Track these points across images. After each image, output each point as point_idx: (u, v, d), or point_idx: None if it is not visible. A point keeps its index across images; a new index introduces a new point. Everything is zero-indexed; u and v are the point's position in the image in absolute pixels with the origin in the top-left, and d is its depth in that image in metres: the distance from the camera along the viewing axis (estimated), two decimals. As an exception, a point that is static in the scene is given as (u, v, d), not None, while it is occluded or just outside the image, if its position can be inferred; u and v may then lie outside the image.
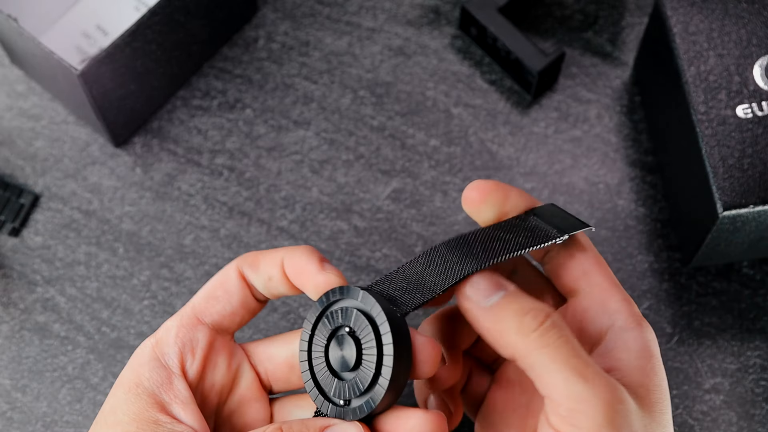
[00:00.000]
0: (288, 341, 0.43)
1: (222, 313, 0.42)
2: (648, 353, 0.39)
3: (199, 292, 0.43)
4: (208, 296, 0.42)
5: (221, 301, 0.42)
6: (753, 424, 0.52)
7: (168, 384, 0.40)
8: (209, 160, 0.59)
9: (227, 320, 0.42)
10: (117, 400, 0.40)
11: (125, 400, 0.40)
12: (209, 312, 0.42)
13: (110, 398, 0.40)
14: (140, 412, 0.39)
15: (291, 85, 0.61)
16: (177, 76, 0.60)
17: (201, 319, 0.42)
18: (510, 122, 0.59)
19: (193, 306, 0.42)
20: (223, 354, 0.42)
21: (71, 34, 0.61)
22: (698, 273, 0.56)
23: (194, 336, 0.41)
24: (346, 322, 0.38)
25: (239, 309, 0.42)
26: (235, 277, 0.42)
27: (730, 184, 0.49)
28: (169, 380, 0.40)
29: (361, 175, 0.58)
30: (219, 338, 0.42)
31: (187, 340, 0.41)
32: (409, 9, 0.63)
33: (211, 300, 0.42)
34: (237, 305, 0.42)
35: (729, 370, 0.53)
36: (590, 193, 0.58)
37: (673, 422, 0.52)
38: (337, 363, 0.38)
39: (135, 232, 0.57)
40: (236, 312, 0.42)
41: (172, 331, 0.42)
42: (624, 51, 0.61)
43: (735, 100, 0.51)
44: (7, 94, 0.61)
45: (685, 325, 0.54)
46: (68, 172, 0.59)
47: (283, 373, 0.43)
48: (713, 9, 0.53)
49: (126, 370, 0.41)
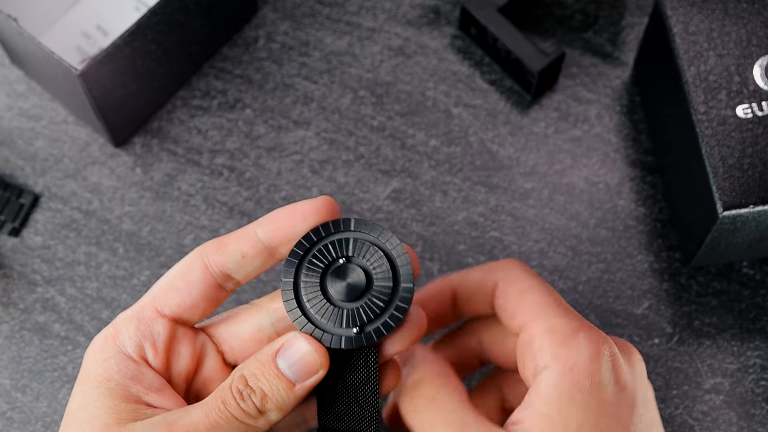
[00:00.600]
0: (250, 316, 0.42)
1: (182, 305, 0.40)
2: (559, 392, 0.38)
3: (158, 282, 0.41)
4: (169, 287, 0.41)
5: (182, 293, 0.40)
6: (753, 424, 0.52)
7: (139, 376, 0.39)
8: (209, 160, 0.59)
9: (188, 312, 0.41)
10: (87, 397, 0.39)
11: (96, 396, 0.38)
12: (169, 304, 0.40)
13: (77, 395, 0.39)
14: (115, 405, 0.38)
15: (291, 85, 0.61)
16: (177, 76, 0.60)
17: (161, 311, 0.40)
18: (510, 122, 0.59)
19: (153, 297, 0.41)
20: (185, 342, 0.41)
21: (71, 34, 0.60)
22: (698, 273, 0.56)
23: (154, 329, 0.40)
24: (342, 254, 0.38)
25: (200, 301, 0.41)
26: (198, 268, 0.40)
27: (730, 184, 0.49)
28: (139, 372, 0.39)
29: (361, 175, 0.58)
30: (180, 328, 0.41)
31: (148, 334, 0.40)
32: (409, 9, 0.63)
33: (171, 291, 0.40)
34: (198, 297, 0.40)
35: (729, 370, 0.53)
36: (590, 193, 0.57)
37: (673, 422, 0.52)
38: (342, 294, 0.38)
39: (135, 232, 0.57)
40: (197, 304, 0.41)
41: (132, 324, 0.40)
42: (624, 51, 0.61)
43: (735, 100, 0.51)
44: (7, 94, 0.61)
45: (685, 325, 0.54)
46: (68, 172, 0.59)
47: (250, 349, 0.42)
48: (713, 9, 0.53)
49: (89, 365, 0.40)
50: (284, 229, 0.40)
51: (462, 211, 0.57)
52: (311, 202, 0.40)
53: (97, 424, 0.38)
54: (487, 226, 0.57)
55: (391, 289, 0.38)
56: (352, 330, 0.38)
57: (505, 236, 0.56)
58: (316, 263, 0.39)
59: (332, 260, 0.39)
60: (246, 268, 0.40)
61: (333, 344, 0.38)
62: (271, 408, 0.38)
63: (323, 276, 0.39)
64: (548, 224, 0.57)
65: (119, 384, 0.39)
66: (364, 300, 0.38)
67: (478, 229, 0.57)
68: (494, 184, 0.58)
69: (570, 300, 0.55)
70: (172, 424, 0.37)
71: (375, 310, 0.38)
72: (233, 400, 0.38)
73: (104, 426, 0.38)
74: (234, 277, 0.41)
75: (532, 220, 0.57)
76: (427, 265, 0.56)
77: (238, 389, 0.38)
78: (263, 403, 0.38)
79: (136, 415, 0.38)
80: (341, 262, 0.39)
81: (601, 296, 0.55)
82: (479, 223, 0.57)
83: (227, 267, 0.40)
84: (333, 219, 0.40)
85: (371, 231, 0.39)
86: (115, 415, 0.38)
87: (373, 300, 0.38)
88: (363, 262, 0.39)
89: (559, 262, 0.56)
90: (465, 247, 0.56)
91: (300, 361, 0.38)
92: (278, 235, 0.40)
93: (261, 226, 0.40)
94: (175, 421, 0.38)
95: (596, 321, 0.54)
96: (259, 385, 0.38)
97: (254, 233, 0.40)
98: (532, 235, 0.57)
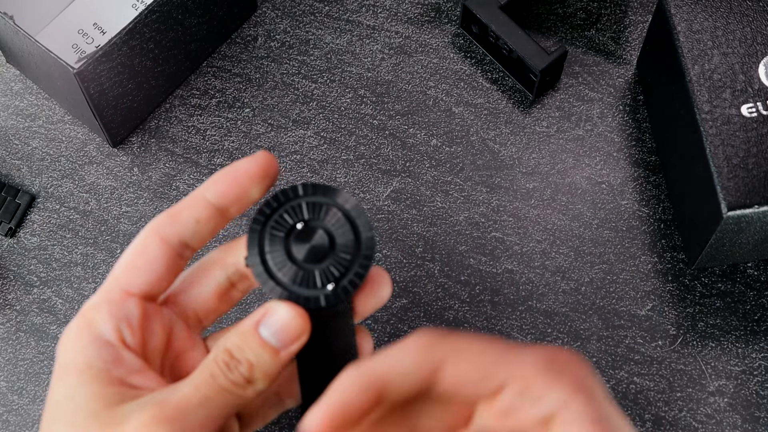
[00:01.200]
0: (205, 277, 0.43)
1: (149, 282, 0.41)
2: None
3: (117, 264, 0.42)
4: (131, 267, 0.41)
5: (145, 271, 0.41)
6: (758, 427, 0.52)
7: (119, 359, 0.39)
8: (208, 160, 0.58)
9: (155, 287, 0.42)
10: (70, 388, 0.39)
11: (80, 384, 0.39)
12: (135, 283, 0.41)
13: (60, 388, 0.39)
14: (101, 390, 0.38)
15: (290, 83, 0.60)
16: (175, 74, 0.59)
17: (129, 291, 0.41)
18: (512, 121, 0.59)
19: (117, 279, 0.41)
20: (155, 318, 0.42)
21: (68, 33, 0.60)
22: (702, 274, 0.55)
23: (127, 310, 0.41)
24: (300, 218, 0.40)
25: (165, 274, 0.42)
26: (155, 243, 0.41)
27: (734, 184, 0.49)
28: (119, 356, 0.40)
29: (361, 175, 0.58)
30: (149, 305, 0.42)
31: (122, 315, 0.40)
32: (410, 7, 0.62)
33: (135, 271, 0.41)
34: (162, 271, 0.41)
35: (733, 372, 0.53)
36: (593, 193, 0.57)
37: (677, 425, 0.52)
38: (309, 256, 0.40)
39: (133, 232, 0.57)
40: (162, 278, 0.42)
41: (103, 308, 0.41)
42: (627, 49, 0.61)
43: (739, 99, 0.50)
44: (3, 93, 0.60)
45: (689, 327, 0.54)
46: (65, 172, 0.58)
47: (212, 305, 0.43)
48: (717, 7, 0.52)
49: (66, 357, 0.40)
50: (232, 189, 0.41)
51: (463, 212, 0.57)
52: (251, 159, 0.42)
53: (86, 411, 0.38)
54: (489, 227, 0.56)
55: (354, 242, 0.40)
56: (327, 288, 0.40)
57: (507, 237, 0.56)
58: (277, 231, 0.40)
59: (292, 226, 0.40)
60: (201, 234, 0.42)
61: (312, 304, 0.40)
62: (258, 377, 0.39)
63: (287, 242, 0.40)
64: (550, 224, 0.56)
65: (101, 369, 0.39)
66: (331, 258, 0.40)
67: (479, 229, 0.56)
68: (496, 184, 0.57)
69: (573, 301, 0.55)
70: (163, 402, 0.38)
71: (344, 265, 0.40)
72: (221, 373, 0.39)
73: (93, 413, 0.38)
74: (191, 245, 0.42)
75: (534, 220, 0.57)
76: (428, 266, 0.56)
77: (224, 361, 0.39)
78: (251, 373, 0.39)
79: (122, 397, 0.38)
80: (300, 226, 0.40)
81: (604, 297, 0.55)
82: (481, 223, 0.57)
83: (184, 236, 0.42)
84: (273, 174, 0.42)
85: (323, 193, 0.41)
86: (102, 400, 0.38)
87: (339, 256, 0.40)
88: (322, 223, 0.41)
89: (561, 262, 0.55)
90: (466, 247, 0.56)
91: (283, 329, 0.39)
92: (228, 196, 0.41)
93: (208, 190, 0.42)
94: (165, 399, 0.38)
95: (599, 322, 0.54)
96: (245, 356, 0.39)
97: (203, 198, 0.42)
98: (535, 236, 0.56)
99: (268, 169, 0.42)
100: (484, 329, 0.54)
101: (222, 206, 0.42)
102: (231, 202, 0.42)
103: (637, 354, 0.53)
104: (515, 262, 0.56)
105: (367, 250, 0.40)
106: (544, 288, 0.55)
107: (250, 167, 0.41)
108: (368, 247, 0.40)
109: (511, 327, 0.54)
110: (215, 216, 0.42)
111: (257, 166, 0.41)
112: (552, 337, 0.54)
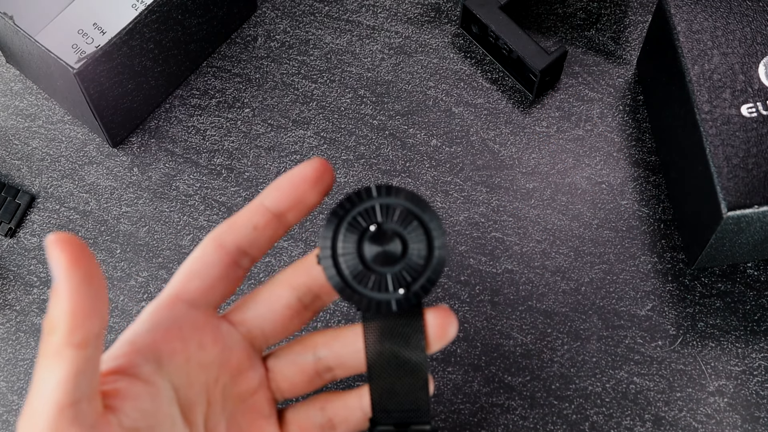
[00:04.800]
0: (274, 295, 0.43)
1: (203, 288, 0.41)
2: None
3: (177, 272, 0.42)
4: (187, 273, 0.42)
5: (200, 276, 0.41)
6: (758, 427, 0.52)
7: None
8: (207, 160, 0.58)
9: (209, 294, 0.42)
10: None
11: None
12: (188, 288, 0.41)
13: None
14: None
15: (290, 84, 0.60)
16: (175, 74, 0.59)
17: (180, 297, 0.41)
18: (512, 121, 0.59)
19: (172, 285, 0.42)
20: (207, 331, 0.41)
21: (68, 33, 0.60)
22: (702, 274, 0.55)
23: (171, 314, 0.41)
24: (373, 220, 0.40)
25: (220, 281, 0.42)
26: (212, 248, 0.42)
27: (734, 184, 0.48)
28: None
29: (361, 175, 0.58)
30: (202, 315, 0.42)
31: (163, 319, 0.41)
32: (410, 7, 0.62)
33: (190, 275, 0.42)
34: (217, 277, 0.42)
35: (733, 373, 0.53)
36: (593, 193, 0.57)
37: (676, 425, 0.52)
38: (378, 258, 0.40)
39: (132, 232, 0.57)
40: (217, 285, 0.42)
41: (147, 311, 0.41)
42: (627, 49, 0.61)
43: (739, 99, 0.50)
44: (3, 93, 0.60)
45: (689, 327, 0.54)
46: (65, 172, 0.58)
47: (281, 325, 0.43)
48: (717, 7, 0.52)
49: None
50: (289, 195, 0.42)
51: (463, 212, 0.57)
52: (306, 164, 0.42)
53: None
54: (489, 227, 0.56)
55: (427, 249, 0.40)
56: (398, 292, 0.40)
57: (507, 237, 0.56)
58: (350, 233, 0.40)
59: (365, 228, 0.40)
60: (259, 241, 0.42)
61: (385, 309, 0.40)
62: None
63: (359, 243, 0.40)
64: (550, 225, 0.56)
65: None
66: (403, 263, 0.40)
67: (479, 229, 0.56)
68: (496, 184, 0.57)
69: (573, 301, 0.55)
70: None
71: (417, 270, 0.40)
72: None
73: None
74: (249, 252, 0.42)
75: (534, 220, 0.57)
76: (428, 266, 0.56)
77: None
78: None
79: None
80: (373, 229, 0.40)
81: (604, 297, 0.55)
82: (481, 223, 0.57)
83: (241, 242, 0.42)
84: (329, 179, 0.42)
85: (396, 195, 0.40)
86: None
87: (412, 261, 0.40)
88: (395, 226, 0.40)
89: (561, 262, 0.55)
90: (466, 247, 0.56)
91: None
92: (284, 202, 0.42)
93: (266, 197, 0.42)
94: None
95: (599, 322, 0.54)
96: None
97: (261, 205, 0.42)
98: (534, 236, 0.56)
99: (323, 174, 0.42)
100: (484, 329, 0.54)
101: (279, 212, 0.42)
102: (288, 207, 0.42)
103: (637, 354, 0.53)
104: (515, 262, 0.56)
105: (439, 259, 0.40)
106: (544, 288, 0.55)
107: (306, 172, 0.41)
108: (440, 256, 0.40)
109: (511, 327, 0.54)
110: (273, 222, 0.42)
111: (313, 171, 0.41)
112: (552, 337, 0.54)
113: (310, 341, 0.43)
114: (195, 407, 0.41)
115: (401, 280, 0.40)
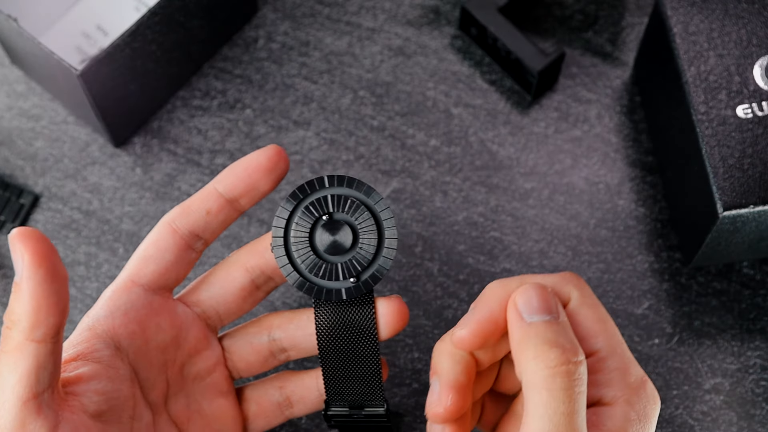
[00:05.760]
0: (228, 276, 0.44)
1: (158, 271, 0.42)
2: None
3: (132, 257, 0.43)
4: (142, 258, 0.43)
5: (155, 260, 0.42)
6: (753, 424, 0.52)
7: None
8: (209, 161, 0.59)
9: (164, 278, 0.43)
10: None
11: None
12: (144, 272, 0.42)
13: None
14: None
15: (291, 85, 0.61)
16: (177, 76, 0.60)
17: (136, 281, 0.42)
18: (510, 122, 0.59)
19: (128, 270, 0.43)
20: (163, 313, 0.42)
21: (71, 35, 0.60)
22: (698, 273, 0.56)
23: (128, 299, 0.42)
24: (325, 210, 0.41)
25: (175, 265, 0.43)
26: (166, 233, 0.42)
27: (730, 184, 0.49)
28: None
29: (361, 176, 0.58)
30: (157, 299, 0.42)
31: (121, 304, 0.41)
32: (409, 9, 0.63)
33: (145, 260, 0.42)
34: (171, 261, 0.42)
35: (729, 371, 0.53)
36: (590, 193, 0.57)
37: (673, 423, 0.52)
38: (330, 248, 0.41)
39: (135, 232, 0.57)
40: (172, 268, 0.43)
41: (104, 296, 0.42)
42: (624, 51, 0.61)
43: (735, 100, 0.51)
44: (7, 94, 0.61)
45: (685, 326, 0.54)
46: (68, 172, 0.59)
47: (235, 305, 0.44)
48: (713, 9, 0.53)
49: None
50: (242, 181, 0.42)
51: (462, 212, 0.57)
52: (261, 152, 0.43)
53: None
54: (487, 227, 0.57)
55: (377, 239, 0.41)
56: (348, 281, 0.41)
57: (505, 236, 0.56)
58: (302, 222, 0.41)
59: (317, 217, 0.41)
60: (212, 225, 0.43)
61: (335, 297, 0.41)
62: None
63: (311, 233, 0.41)
64: (548, 224, 0.57)
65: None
66: (354, 253, 0.41)
67: (478, 229, 0.57)
68: (494, 184, 0.58)
69: (570, 300, 0.55)
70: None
71: (367, 260, 0.41)
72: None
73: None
74: (202, 236, 0.43)
75: (532, 220, 0.57)
76: (427, 265, 0.56)
77: None
78: None
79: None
80: (325, 219, 0.41)
81: (601, 296, 0.55)
82: (479, 223, 0.57)
83: (195, 227, 0.43)
84: (283, 167, 0.43)
85: (348, 185, 0.41)
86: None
87: (362, 251, 0.41)
88: (346, 216, 0.41)
89: (559, 262, 0.56)
90: (465, 247, 0.56)
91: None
92: (237, 188, 0.42)
93: (219, 183, 0.43)
94: None
95: (596, 321, 0.54)
96: None
97: (215, 190, 0.43)
98: (532, 236, 0.57)
99: (277, 162, 0.42)
100: (483, 328, 0.54)
101: (232, 198, 0.43)
102: (241, 193, 0.43)
103: (634, 352, 0.54)
104: (513, 262, 0.56)
105: (389, 247, 0.41)
106: (542, 287, 0.55)
107: (259, 160, 0.42)
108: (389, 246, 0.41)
109: (510, 325, 0.54)
110: (226, 207, 0.43)
111: (267, 159, 0.42)
112: (550, 336, 0.54)
113: (266, 322, 0.44)
114: (155, 388, 0.42)
115: (352, 269, 0.41)
